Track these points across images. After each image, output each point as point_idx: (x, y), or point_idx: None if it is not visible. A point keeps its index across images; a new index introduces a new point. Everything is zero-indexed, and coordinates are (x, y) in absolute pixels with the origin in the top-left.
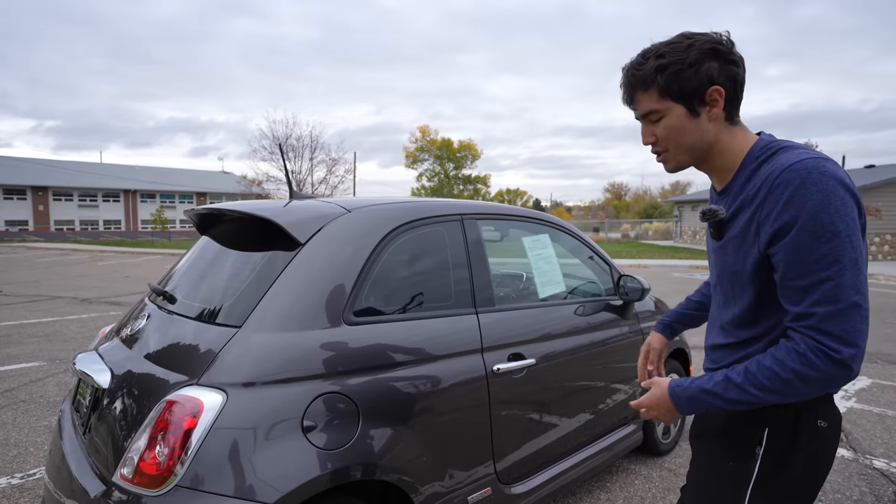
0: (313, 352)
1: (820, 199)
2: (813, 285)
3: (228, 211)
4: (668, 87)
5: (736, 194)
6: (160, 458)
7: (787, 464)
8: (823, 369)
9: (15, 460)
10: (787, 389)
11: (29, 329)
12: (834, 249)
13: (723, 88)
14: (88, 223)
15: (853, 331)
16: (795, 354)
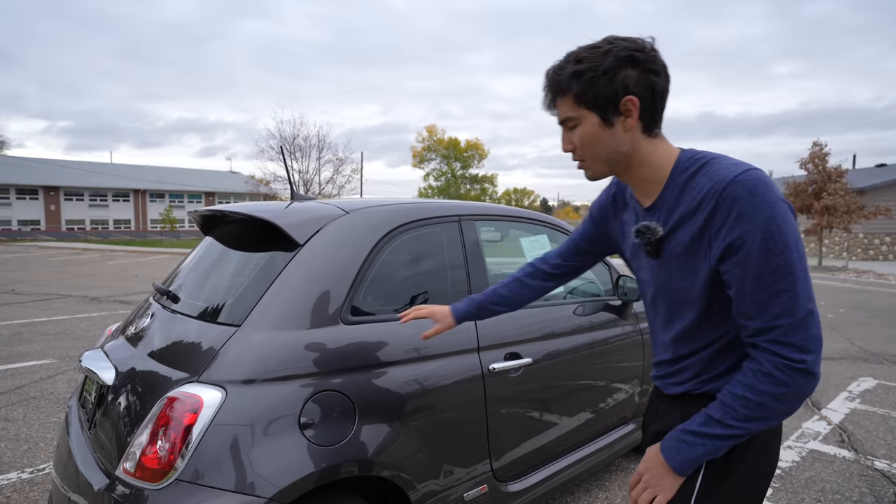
0: (311, 350)
1: (769, 211)
2: (770, 298)
3: (231, 212)
4: (582, 94)
5: (670, 208)
6: (161, 453)
7: (730, 469)
8: (792, 383)
9: (25, 455)
10: (766, 413)
11: (40, 327)
12: (786, 261)
13: (638, 98)
14: (99, 223)
15: (811, 338)
16: (762, 376)
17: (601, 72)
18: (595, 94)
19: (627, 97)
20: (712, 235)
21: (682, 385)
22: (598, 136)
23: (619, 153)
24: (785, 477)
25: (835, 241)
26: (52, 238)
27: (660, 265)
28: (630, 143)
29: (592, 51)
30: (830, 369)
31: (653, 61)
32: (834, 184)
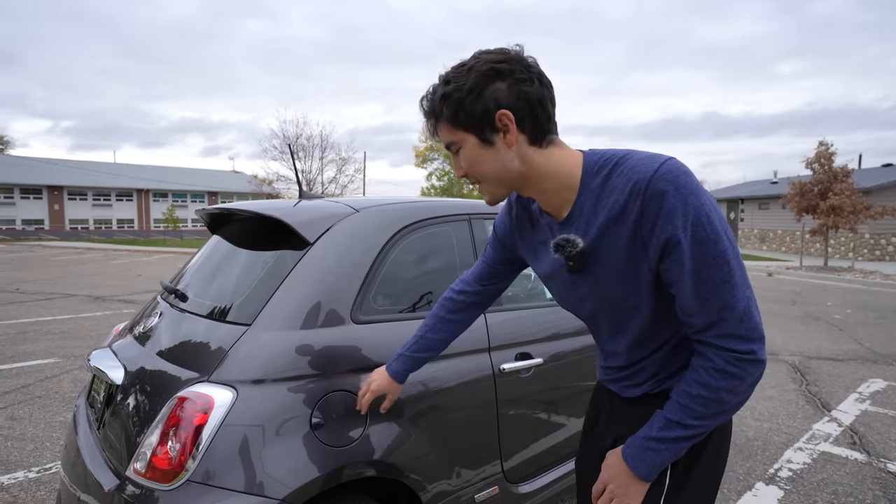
0: (321, 350)
1: (695, 202)
2: (709, 291)
3: (239, 211)
4: (454, 116)
5: (589, 217)
6: (172, 454)
7: (695, 466)
8: (744, 374)
9: (32, 454)
10: (722, 407)
11: (45, 326)
12: (720, 251)
13: (511, 111)
14: (102, 222)
15: (754, 326)
16: (715, 372)
17: (466, 91)
18: (466, 115)
19: (501, 111)
20: (645, 236)
21: (640, 387)
22: (482, 156)
23: (509, 170)
24: (797, 479)
25: (841, 241)
26: (55, 237)
27: (593, 278)
28: (518, 158)
29: (458, 70)
30: (839, 370)
31: (522, 70)
32: (840, 184)
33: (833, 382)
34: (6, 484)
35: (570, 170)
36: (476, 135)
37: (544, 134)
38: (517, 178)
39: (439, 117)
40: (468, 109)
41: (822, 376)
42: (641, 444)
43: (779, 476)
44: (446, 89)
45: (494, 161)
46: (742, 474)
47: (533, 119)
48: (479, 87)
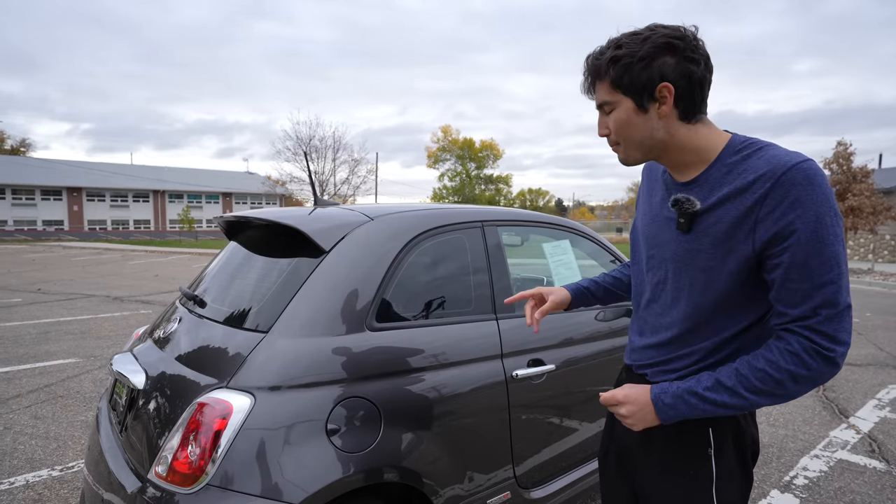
0: (337, 357)
1: (825, 202)
2: (815, 289)
3: (255, 218)
4: (619, 79)
5: (714, 186)
6: (192, 458)
7: (735, 455)
8: (816, 368)
9: (55, 453)
10: (779, 390)
11: (65, 326)
12: (835, 253)
13: (673, 86)
14: (119, 223)
15: (844, 330)
16: (789, 355)
17: (637, 58)
18: (630, 80)
19: (663, 84)
20: (760, 218)
21: (674, 373)
22: (633, 121)
23: (654, 139)
24: (813, 487)
25: (860, 242)
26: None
27: (688, 240)
28: (665, 130)
29: (632, 37)
30: (858, 376)
31: (692, 50)
32: (859, 184)
33: (851, 388)
34: (31, 482)
35: (710, 146)
36: (634, 100)
37: (695, 112)
38: (657, 147)
39: (602, 77)
40: (634, 75)
41: (839, 382)
42: (680, 394)
43: (794, 484)
44: (617, 52)
45: (643, 128)
46: (757, 481)
47: (689, 97)
48: (650, 57)
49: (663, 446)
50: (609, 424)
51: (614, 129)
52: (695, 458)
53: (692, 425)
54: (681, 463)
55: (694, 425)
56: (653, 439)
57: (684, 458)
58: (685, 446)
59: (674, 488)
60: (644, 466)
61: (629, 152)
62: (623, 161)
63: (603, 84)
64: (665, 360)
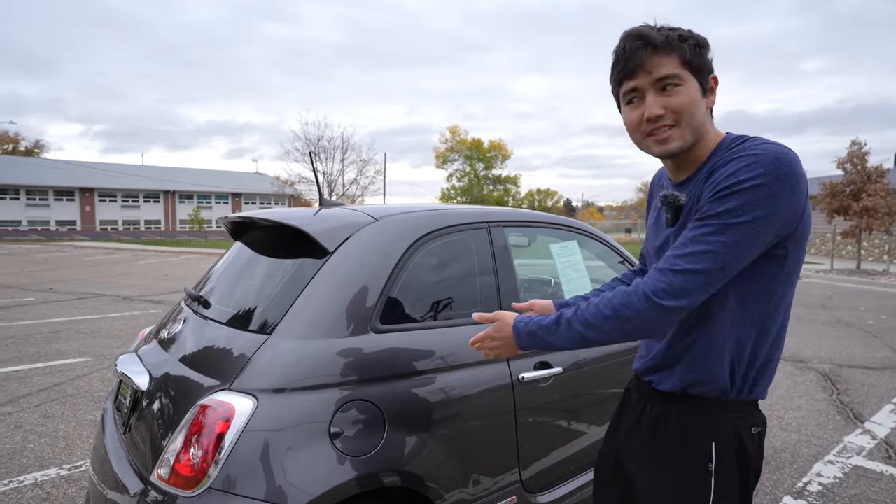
0: (340, 359)
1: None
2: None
3: (260, 219)
4: (690, 58)
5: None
6: (194, 461)
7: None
8: (638, 307)
9: (63, 452)
10: (605, 326)
11: (76, 325)
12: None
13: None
14: (131, 223)
15: (677, 285)
16: (623, 294)
17: (703, 44)
18: (700, 62)
19: (713, 75)
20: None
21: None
22: (698, 102)
23: (704, 124)
24: (827, 494)
25: (874, 243)
26: (87, 238)
27: (674, 235)
28: (708, 120)
29: (678, 28)
30: (873, 380)
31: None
32: (874, 184)
33: (866, 392)
34: (40, 480)
35: (713, 143)
36: (700, 82)
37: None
38: (700, 135)
39: (671, 50)
40: (701, 58)
41: (854, 385)
42: (532, 328)
43: (808, 490)
44: (682, 33)
45: (702, 111)
46: (769, 487)
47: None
48: (706, 47)
49: (663, 458)
50: (611, 434)
51: (679, 108)
52: (694, 473)
53: (695, 439)
54: (679, 476)
55: (696, 439)
56: (654, 450)
57: (684, 472)
58: (685, 460)
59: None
60: (642, 477)
61: (685, 135)
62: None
63: (670, 58)
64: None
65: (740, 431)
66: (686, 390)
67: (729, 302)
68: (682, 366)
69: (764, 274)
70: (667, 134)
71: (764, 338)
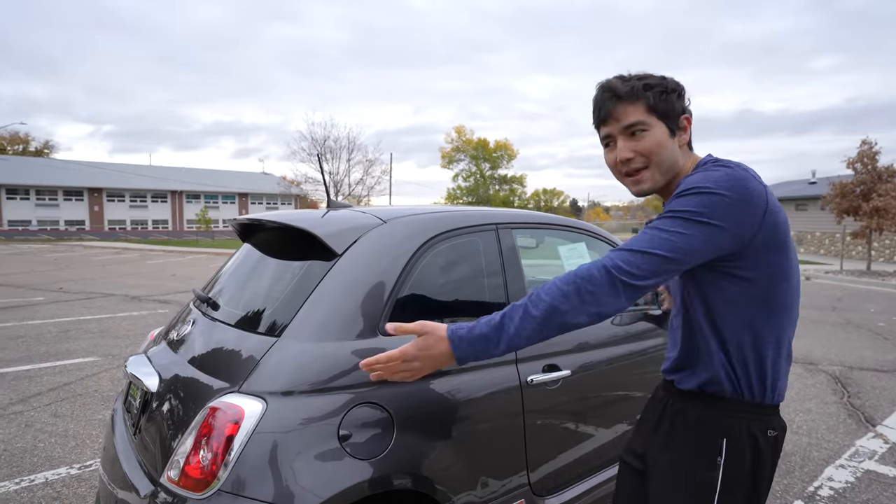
0: (350, 361)
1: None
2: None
3: (268, 221)
4: (655, 104)
5: None
6: (204, 463)
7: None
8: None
9: (73, 451)
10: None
11: (85, 325)
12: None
13: (690, 118)
14: (138, 223)
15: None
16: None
17: (671, 89)
18: (665, 107)
19: (685, 115)
20: None
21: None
22: (666, 144)
23: (675, 161)
24: (839, 499)
25: (885, 244)
26: (95, 238)
27: None
28: (682, 156)
29: (648, 75)
30: (884, 382)
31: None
32: (885, 184)
33: (878, 395)
34: (50, 480)
35: (690, 168)
36: (667, 126)
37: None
38: (674, 171)
39: (636, 99)
40: (667, 103)
41: (865, 388)
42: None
43: (819, 495)
44: (648, 81)
45: (672, 151)
46: (779, 491)
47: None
48: (678, 92)
49: (678, 444)
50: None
51: (646, 151)
52: (704, 463)
53: (707, 432)
54: (691, 462)
55: (709, 433)
56: (672, 438)
57: (695, 459)
58: (697, 449)
59: (678, 489)
60: (657, 460)
61: (656, 177)
62: (648, 188)
63: (635, 107)
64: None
65: (755, 433)
66: (703, 389)
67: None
68: (696, 367)
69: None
70: (639, 176)
71: (761, 343)
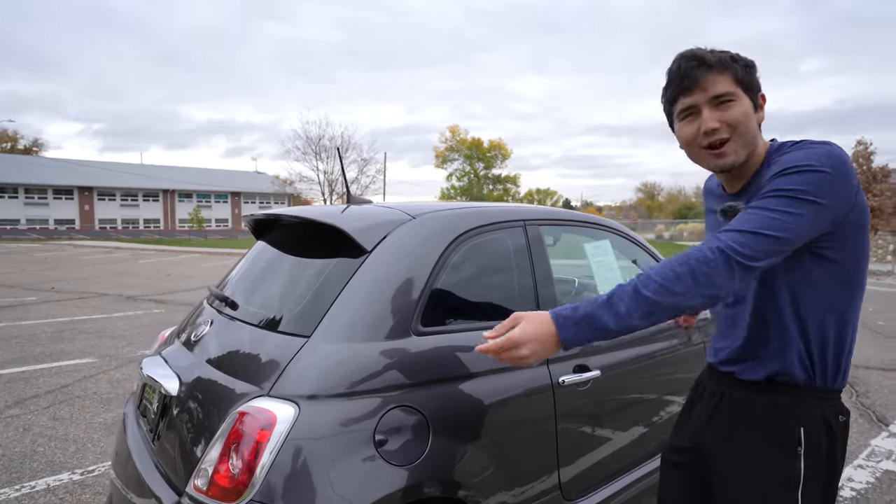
0: (383, 362)
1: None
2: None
3: (289, 217)
4: (742, 76)
5: (756, 190)
6: (234, 471)
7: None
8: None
9: (75, 456)
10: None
11: (79, 325)
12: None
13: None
14: (129, 222)
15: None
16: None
17: (752, 65)
18: (750, 81)
19: (761, 93)
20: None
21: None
22: (751, 117)
23: (755, 139)
24: (862, 500)
25: (879, 244)
26: (85, 237)
27: None
28: (759, 134)
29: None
30: (892, 382)
31: None
32: (879, 184)
33: (887, 395)
34: (52, 486)
35: (762, 152)
36: (751, 99)
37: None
38: (753, 146)
39: (724, 69)
40: (752, 78)
41: (873, 388)
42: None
43: (841, 496)
44: (733, 54)
45: (754, 126)
46: None
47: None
48: (754, 67)
49: (750, 442)
50: (680, 428)
51: (734, 121)
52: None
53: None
54: (769, 460)
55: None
56: (739, 436)
57: (773, 455)
58: (775, 443)
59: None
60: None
61: (739, 150)
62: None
63: (724, 77)
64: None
65: (829, 419)
66: (773, 378)
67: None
68: (764, 357)
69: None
70: (723, 148)
71: (843, 325)
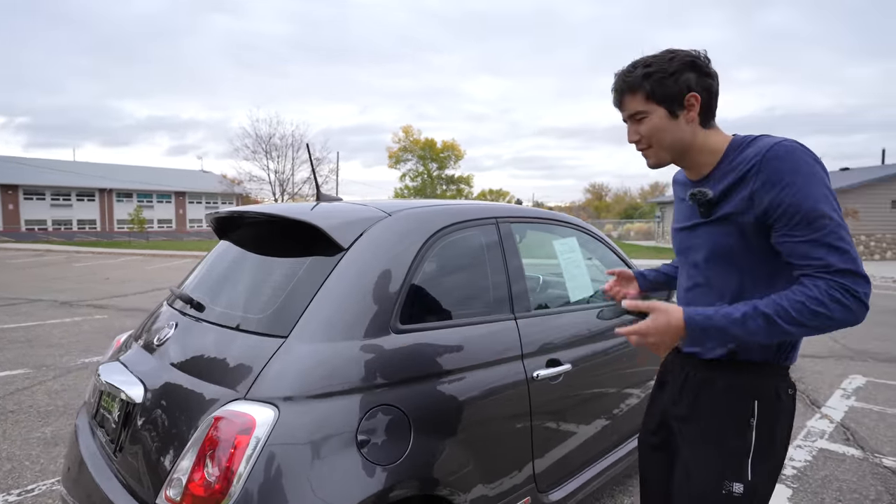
0: (363, 361)
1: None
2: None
3: (256, 214)
4: (652, 91)
5: (721, 178)
6: (210, 479)
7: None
8: (852, 307)
9: (10, 475)
10: (814, 322)
11: (9, 334)
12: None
13: (699, 96)
14: (61, 223)
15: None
16: (825, 294)
17: (668, 73)
18: (663, 92)
19: (690, 94)
20: (755, 191)
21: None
22: (665, 126)
23: (682, 142)
24: (802, 477)
25: None
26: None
27: (710, 227)
28: (691, 133)
29: (657, 58)
30: (821, 367)
31: (708, 68)
32: None
33: (818, 380)
34: None
35: (719, 147)
36: (667, 109)
37: (711, 119)
38: (683, 149)
39: (635, 91)
40: (666, 88)
41: (807, 374)
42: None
43: (784, 474)
44: (648, 70)
45: (674, 132)
46: None
47: (707, 106)
48: (679, 72)
49: (708, 413)
50: (651, 407)
51: (646, 135)
52: (737, 426)
53: (739, 397)
54: (723, 428)
55: (740, 397)
56: (699, 408)
57: (728, 424)
58: (729, 414)
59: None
60: (686, 431)
61: (659, 154)
62: (653, 164)
63: (636, 97)
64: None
65: (780, 392)
66: (733, 357)
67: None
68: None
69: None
70: (645, 153)
71: None
